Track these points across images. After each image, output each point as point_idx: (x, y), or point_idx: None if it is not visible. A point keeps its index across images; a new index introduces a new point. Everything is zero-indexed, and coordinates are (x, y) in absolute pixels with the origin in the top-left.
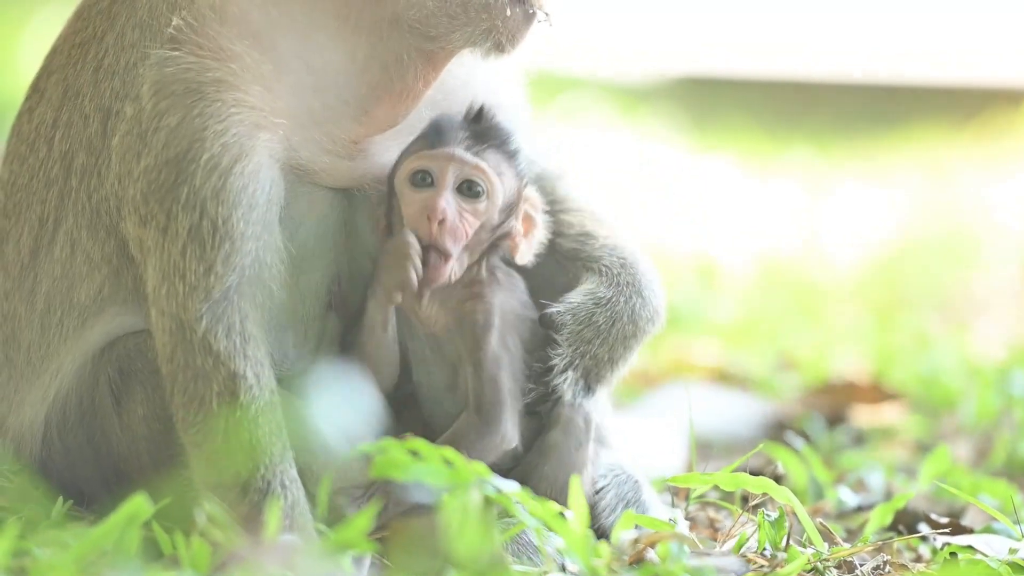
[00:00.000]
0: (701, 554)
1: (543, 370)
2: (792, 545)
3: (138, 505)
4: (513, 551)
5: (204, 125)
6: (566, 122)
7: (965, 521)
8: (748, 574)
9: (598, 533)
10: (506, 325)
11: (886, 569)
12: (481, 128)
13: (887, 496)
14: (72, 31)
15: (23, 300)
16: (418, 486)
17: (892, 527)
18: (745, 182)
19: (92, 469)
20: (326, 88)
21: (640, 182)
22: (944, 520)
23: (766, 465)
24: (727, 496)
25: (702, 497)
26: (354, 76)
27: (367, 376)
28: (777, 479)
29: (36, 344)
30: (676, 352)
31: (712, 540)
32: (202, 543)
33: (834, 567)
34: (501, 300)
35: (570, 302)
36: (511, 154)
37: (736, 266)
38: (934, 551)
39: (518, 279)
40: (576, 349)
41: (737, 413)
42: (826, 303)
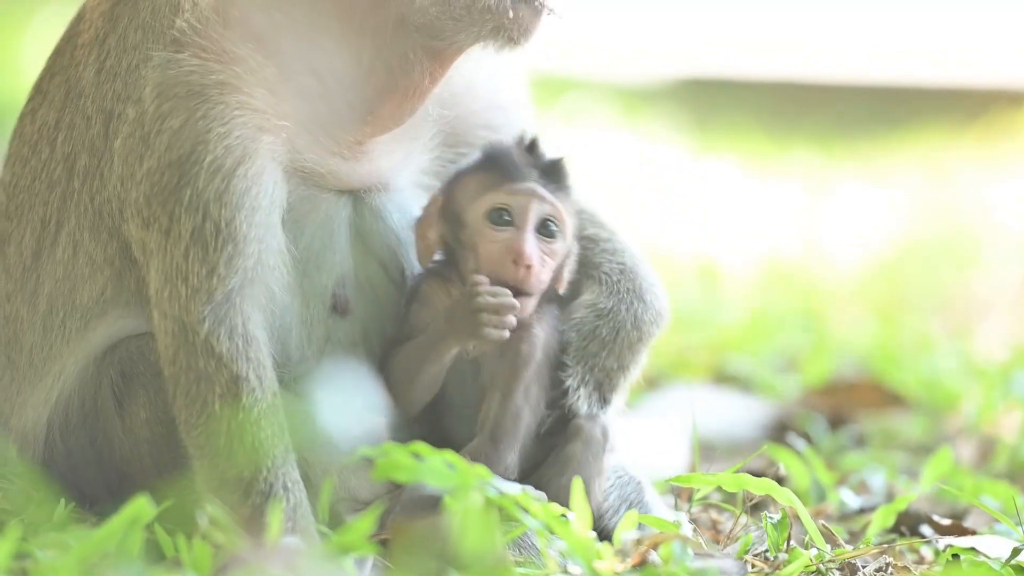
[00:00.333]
0: (702, 556)
1: (558, 394)
2: (794, 547)
3: (140, 507)
4: (516, 553)
5: (208, 127)
6: (567, 123)
7: (967, 523)
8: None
9: (601, 534)
10: (543, 358)
11: (888, 571)
12: (549, 165)
13: (889, 498)
14: (74, 32)
15: (25, 302)
16: (422, 489)
17: (894, 529)
18: (746, 183)
19: (94, 471)
20: (331, 90)
21: (641, 183)
22: (946, 522)
23: (768, 467)
24: (729, 498)
25: (704, 499)
26: (359, 78)
27: (403, 397)
28: (779, 480)
29: (38, 346)
30: (677, 353)
31: (714, 542)
32: (204, 545)
33: (836, 569)
34: (545, 334)
35: (572, 318)
36: (570, 190)
37: (738, 267)
38: (936, 553)
39: (553, 307)
40: (585, 365)
41: (739, 414)
42: (828, 304)
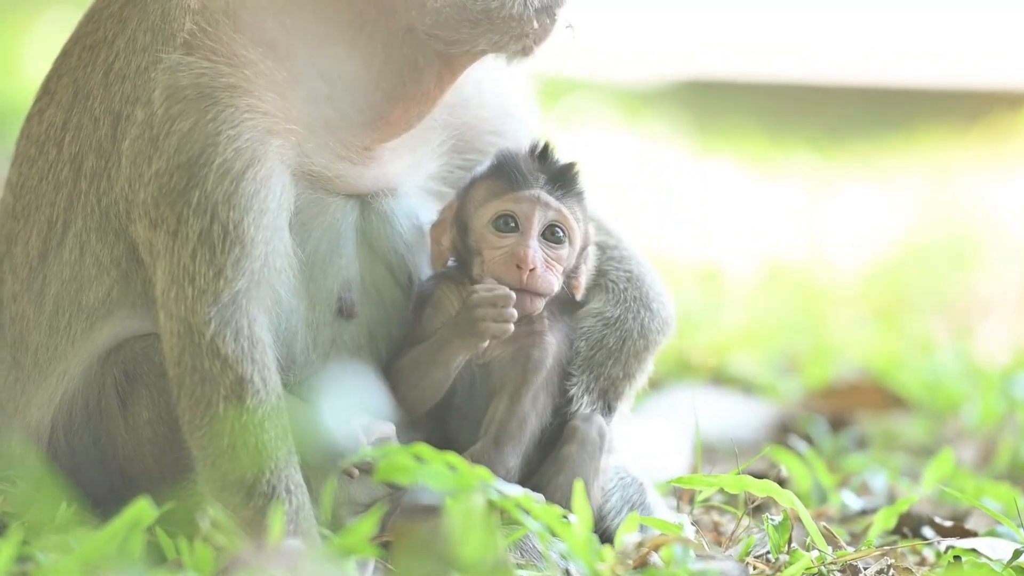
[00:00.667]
0: (704, 557)
1: (563, 401)
2: (796, 548)
3: (142, 509)
4: (517, 556)
5: (217, 130)
6: (568, 125)
7: (969, 524)
8: None
9: (604, 535)
10: (553, 366)
11: (890, 573)
12: (557, 170)
13: (891, 500)
14: (82, 33)
15: (31, 302)
16: (422, 495)
17: (896, 531)
18: (747, 185)
19: (98, 471)
20: (340, 95)
21: (642, 185)
22: (948, 524)
23: (770, 468)
24: (731, 499)
25: (706, 501)
26: (369, 83)
27: (409, 401)
28: (781, 482)
29: (44, 346)
30: (679, 355)
31: (716, 544)
32: (206, 547)
33: (838, 571)
34: (557, 341)
35: (580, 327)
36: (581, 195)
37: (739, 269)
38: (938, 555)
39: (567, 316)
40: (590, 374)
41: (740, 416)
42: (829, 306)
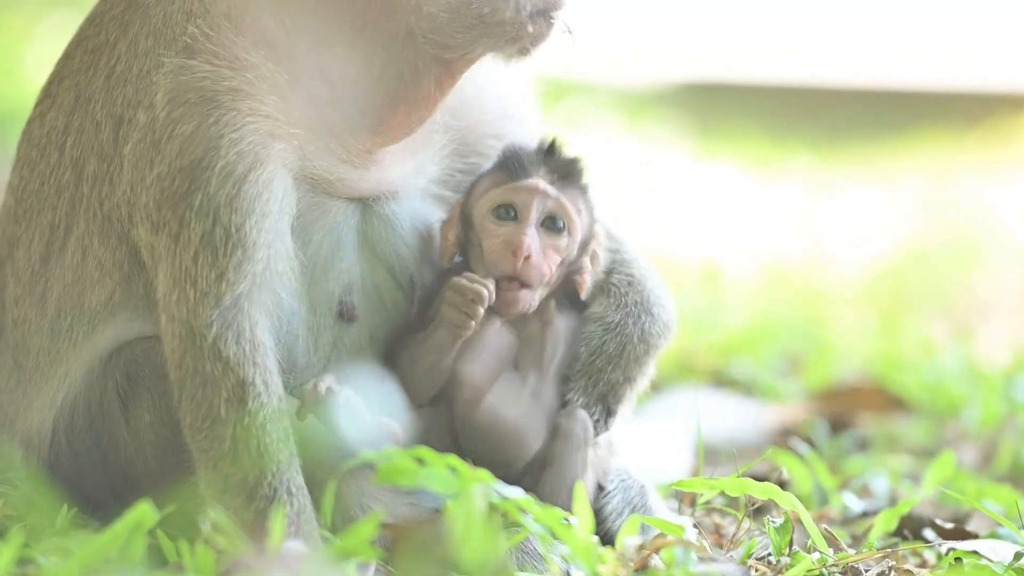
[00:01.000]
0: (705, 560)
1: (560, 404)
2: (797, 551)
3: (143, 512)
4: (518, 558)
5: (220, 133)
6: (570, 127)
7: (970, 527)
8: None
9: (605, 537)
10: (561, 358)
11: (891, 575)
12: (559, 162)
13: (892, 502)
14: (84, 36)
15: (33, 305)
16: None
17: (897, 533)
18: (748, 187)
19: (99, 474)
20: (342, 98)
21: (643, 187)
22: (949, 526)
23: (771, 471)
24: (732, 502)
25: (707, 503)
26: (370, 86)
27: (410, 388)
28: (782, 485)
29: (45, 349)
30: (680, 357)
31: (718, 546)
32: (207, 550)
33: (839, 573)
34: (563, 336)
35: (581, 331)
36: (584, 189)
37: (740, 271)
38: (939, 557)
39: (573, 316)
40: (589, 379)
41: (741, 418)
42: (830, 308)
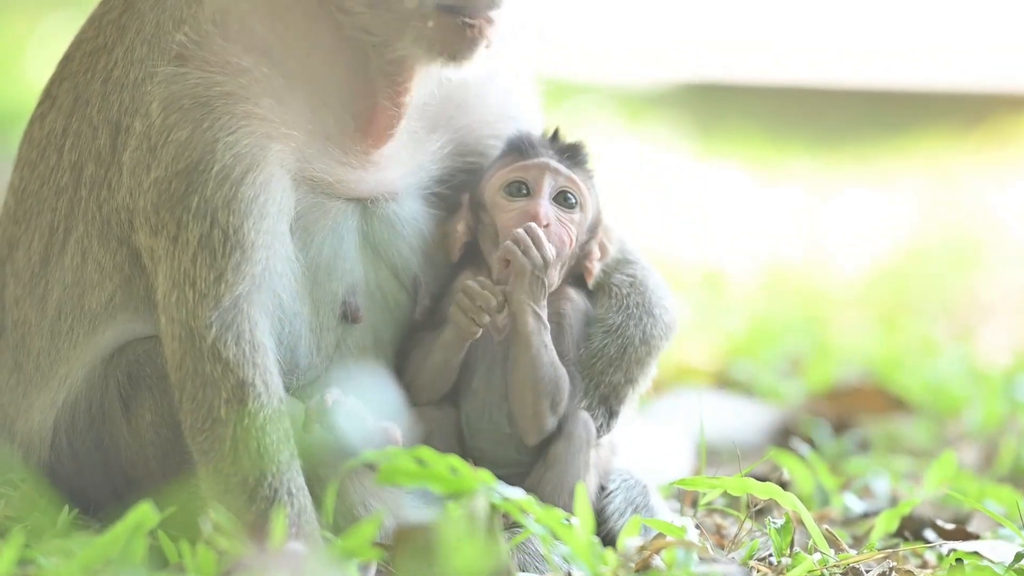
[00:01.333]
0: (706, 560)
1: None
2: (798, 551)
3: (144, 513)
4: (520, 559)
5: (214, 137)
6: (571, 128)
7: (971, 527)
8: None
9: (607, 537)
10: (575, 336)
11: (892, 575)
12: (565, 146)
13: (893, 502)
14: (84, 38)
15: (34, 307)
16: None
17: (898, 533)
18: (749, 187)
19: (100, 474)
20: (332, 100)
21: (644, 188)
22: (950, 526)
23: (772, 471)
24: (733, 502)
25: (709, 504)
26: (348, 87)
27: (419, 385)
28: (783, 485)
29: (46, 351)
30: (681, 358)
31: (719, 547)
32: (208, 551)
33: (840, 574)
34: (580, 319)
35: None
36: (591, 174)
37: (741, 272)
38: (940, 557)
39: (583, 298)
40: (591, 381)
41: (742, 419)
42: (831, 309)
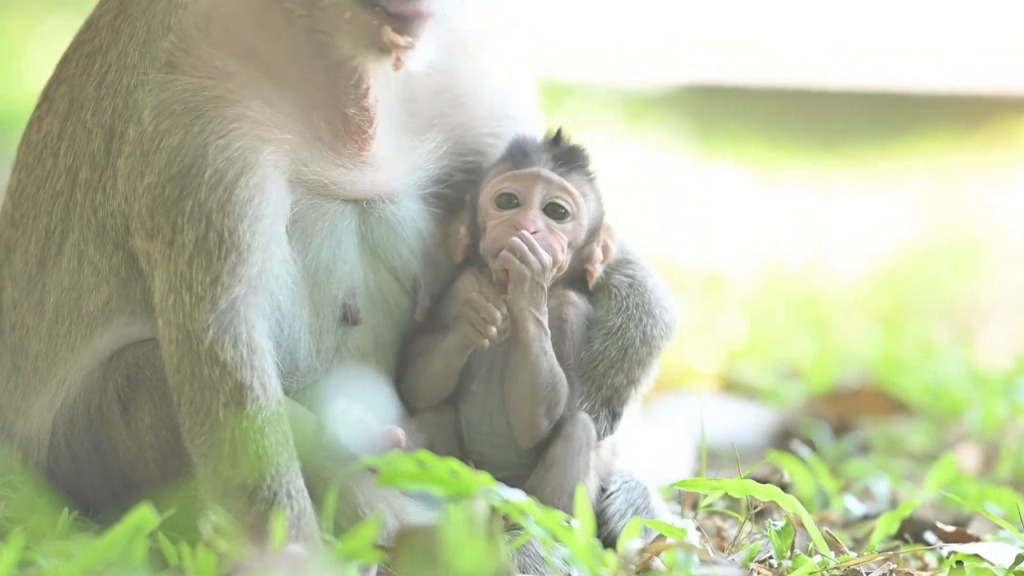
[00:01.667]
0: (706, 563)
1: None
2: (799, 554)
3: (144, 515)
4: (520, 561)
5: (205, 141)
6: (571, 130)
7: (971, 530)
8: None
9: (608, 539)
10: (576, 343)
11: None
12: (563, 150)
13: (893, 505)
14: (82, 40)
15: (31, 310)
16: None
17: (898, 536)
18: (750, 190)
19: (99, 476)
20: (319, 103)
21: (645, 190)
22: (950, 529)
23: (772, 474)
24: (733, 504)
25: (710, 506)
26: (325, 90)
27: (420, 389)
28: (783, 488)
29: (43, 353)
30: (682, 360)
31: (719, 549)
32: (208, 553)
33: None
34: (581, 322)
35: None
36: (591, 177)
37: (742, 274)
38: (940, 560)
39: (584, 301)
40: (593, 384)
41: (743, 422)
42: (832, 312)
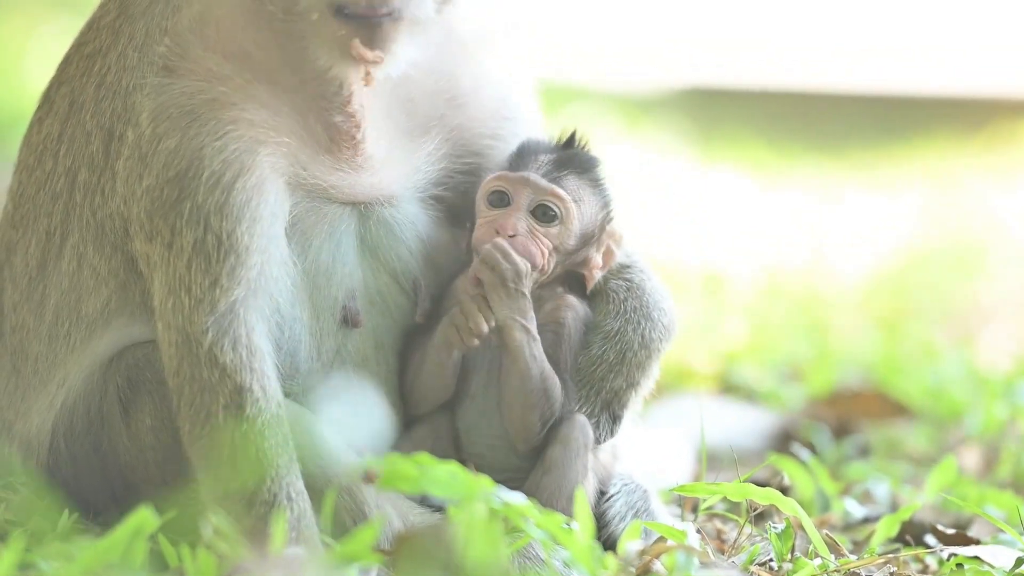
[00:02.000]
0: (707, 565)
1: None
2: (799, 556)
3: (144, 517)
4: (520, 564)
5: (201, 144)
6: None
7: (971, 532)
8: None
9: (608, 541)
10: (574, 345)
11: None
12: (563, 154)
13: (893, 507)
14: (83, 41)
15: (31, 311)
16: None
17: (899, 538)
18: (751, 193)
19: (99, 478)
20: (311, 106)
21: (645, 192)
22: (951, 531)
23: (772, 476)
24: (734, 507)
25: (710, 509)
26: (314, 94)
27: (418, 391)
28: (783, 490)
29: (43, 355)
30: (682, 363)
31: (720, 552)
32: (208, 555)
33: None
34: (576, 327)
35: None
36: (595, 182)
37: (742, 277)
38: (940, 562)
39: (583, 305)
40: (592, 388)
41: (743, 424)
42: (832, 314)
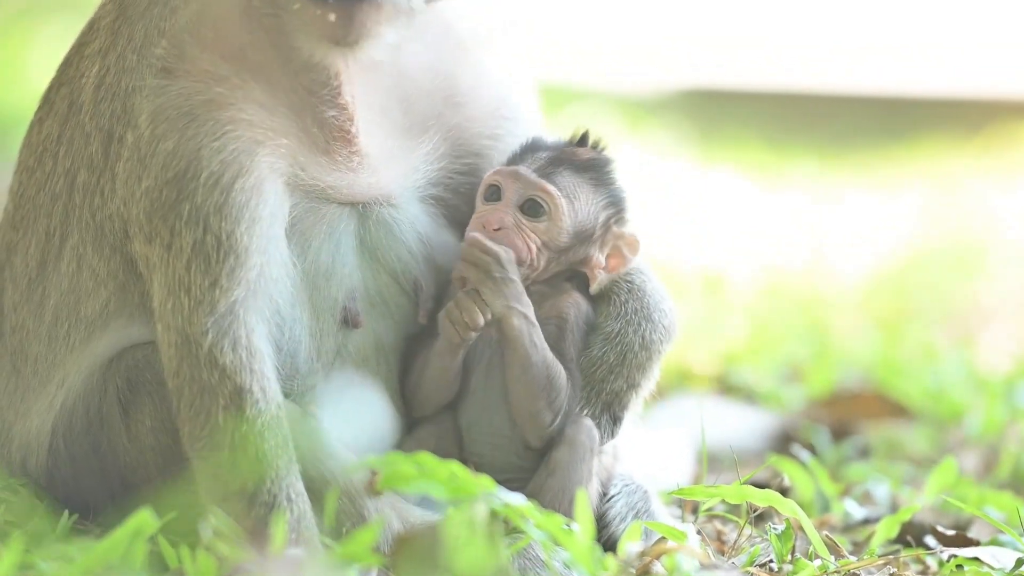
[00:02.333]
0: (706, 566)
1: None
2: (799, 558)
3: (143, 518)
4: (520, 565)
5: (199, 145)
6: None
7: (971, 533)
8: None
9: (609, 542)
10: (576, 341)
11: None
12: (565, 151)
13: (893, 509)
14: (83, 42)
15: (31, 312)
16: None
17: (898, 540)
18: (751, 194)
19: (98, 479)
20: (306, 104)
21: (645, 193)
22: (950, 532)
23: (772, 477)
24: (734, 508)
25: (709, 510)
26: (306, 91)
27: (422, 393)
28: (783, 492)
29: (43, 356)
30: (682, 363)
31: (720, 553)
32: (208, 557)
33: None
34: (579, 322)
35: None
36: (597, 181)
37: (742, 278)
38: (940, 563)
39: (585, 304)
40: (592, 389)
41: (743, 425)
42: (832, 315)
